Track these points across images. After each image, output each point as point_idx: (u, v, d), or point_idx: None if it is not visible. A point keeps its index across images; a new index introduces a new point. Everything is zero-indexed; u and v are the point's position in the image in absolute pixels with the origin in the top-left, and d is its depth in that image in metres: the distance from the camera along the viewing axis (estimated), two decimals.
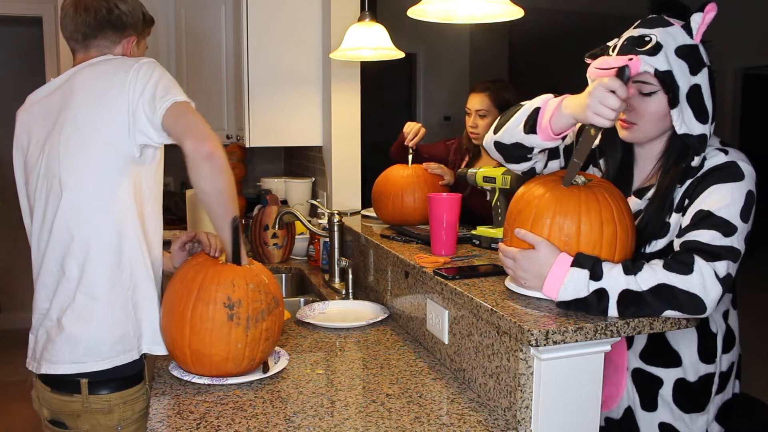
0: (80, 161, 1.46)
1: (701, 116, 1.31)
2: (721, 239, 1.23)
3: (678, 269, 1.20)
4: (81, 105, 1.47)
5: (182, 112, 1.44)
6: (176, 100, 1.44)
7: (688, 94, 1.30)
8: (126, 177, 1.48)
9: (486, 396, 1.38)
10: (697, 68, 1.31)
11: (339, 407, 1.36)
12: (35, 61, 4.66)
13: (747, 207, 1.27)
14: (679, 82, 1.30)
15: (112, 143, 1.46)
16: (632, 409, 1.44)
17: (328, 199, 2.91)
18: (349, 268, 2.20)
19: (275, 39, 2.84)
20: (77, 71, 1.54)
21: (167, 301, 1.48)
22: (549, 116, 1.37)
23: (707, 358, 1.38)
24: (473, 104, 2.51)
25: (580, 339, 1.18)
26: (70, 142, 1.46)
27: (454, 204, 1.72)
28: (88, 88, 1.49)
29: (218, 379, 1.46)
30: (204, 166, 1.40)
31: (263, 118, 2.87)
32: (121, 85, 1.45)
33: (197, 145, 1.39)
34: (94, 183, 1.46)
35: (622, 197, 1.34)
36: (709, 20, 1.30)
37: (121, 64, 1.51)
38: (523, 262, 1.29)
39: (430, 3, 1.56)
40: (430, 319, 1.64)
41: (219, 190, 1.42)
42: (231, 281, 1.43)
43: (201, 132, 1.42)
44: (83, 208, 1.46)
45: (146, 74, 1.47)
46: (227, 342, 1.42)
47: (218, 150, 1.41)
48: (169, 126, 1.44)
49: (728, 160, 1.31)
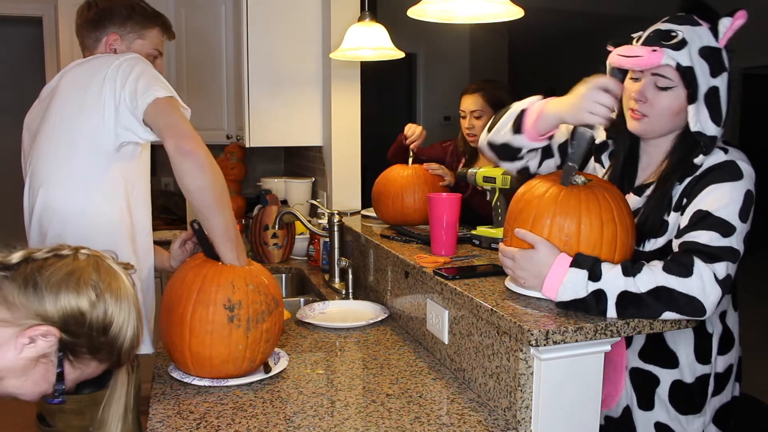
0: (57, 159, 1.46)
1: (716, 118, 1.31)
2: (719, 240, 1.22)
3: (677, 271, 1.20)
4: (62, 103, 1.48)
5: (163, 110, 1.43)
6: (157, 96, 1.43)
7: (707, 95, 1.31)
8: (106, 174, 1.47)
9: (486, 396, 1.38)
10: (717, 71, 1.31)
11: (339, 407, 1.36)
12: (35, 61, 4.66)
13: (746, 207, 1.26)
14: (699, 80, 1.30)
15: (90, 140, 1.46)
16: (630, 408, 1.44)
17: (328, 199, 2.91)
18: (349, 268, 2.20)
19: (275, 39, 2.83)
20: (66, 71, 1.55)
21: (165, 303, 1.47)
22: (534, 118, 1.40)
23: (703, 358, 1.38)
24: (467, 106, 2.50)
25: (580, 339, 1.18)
26: (50, 141, 1.47)
27: (454, 204, 1.72)
28: (69, 86, 1.50)
29: (219, 380, 1.45)
30: (185, 164, 1.39)
31: (263, 118, 2.87)
32: (101, 82, 1.45)
33: (177, 143, 1.39)
34: (70, 181, 1.46)
35: (622, 197, 1.34)
36: (737, 26, 1.30)
37: (103, 61, 1.50)
38: (522, 261, 1.29)
39: (430, 3, 1.56)
40: (430, 319, 1.64)
41: (201, 188, 1.41)
42: (231, 282, 1.42)
43: (181, 130, 1.41)
44: (57, 207, 1.46)
45: (126, 69, 1.46)
46: (228, 344, 1.41)
47: (199, 148, 1.40)
48: (150, 123, 1.44)
49: (727, 159, 1.31)
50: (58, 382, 1.05)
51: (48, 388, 1.06)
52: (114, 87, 1.44)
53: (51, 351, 1.03)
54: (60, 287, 1.03)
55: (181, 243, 1.64)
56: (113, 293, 1.07)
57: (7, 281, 1.02)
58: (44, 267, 1.05)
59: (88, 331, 1.05)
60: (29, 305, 1.02)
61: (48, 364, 1.04)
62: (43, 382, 1.05)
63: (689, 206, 1.30)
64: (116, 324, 1.07)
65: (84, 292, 1.04)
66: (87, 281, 1.05)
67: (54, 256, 1.07)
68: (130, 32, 1.64)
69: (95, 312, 1.05)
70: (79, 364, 1.07)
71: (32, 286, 1.02)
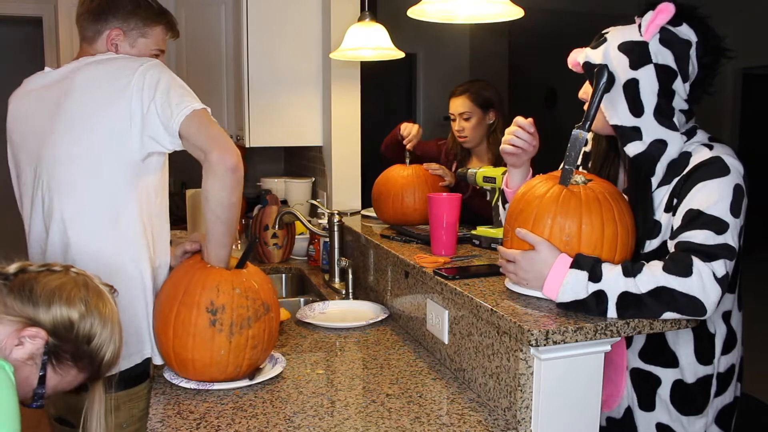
0: (76, 165, 1.42)
1: (635, 109, 1.32)
2: (714, 238, 1.22)
3: (677, 271, 1.20)
4: (80, 105, 1.43)
5: (204, 122, 1.43)
6: (194, 108, 1.42)
7: (624, 86, 1.32)
8: (128, 184, 1.44)
9: (486, 396, 1.38)
10: (638, 64, 1.31)
11: (339, 407, 1.36)
12: (35, 61, 4.66)
13: (736, 202, 1.25)
14: (616, 74, 1.32)
15: (110, 148, 1.42)
16: (631, 408, 1.44)
17: (328, 199, 2.91)
18: (349, 268, 2.20)
19: (275, 39, 2.83)
20: (79, 68, 1.49)
21: (157, 302, 1.47)
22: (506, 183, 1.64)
23: (704, 359, 1.37)
24: (455, 108, 2.48)
25: (580, 339, 1.18)
26: (64, 144, 1.43)
27: (454, 204, 1.72)
28: (88, 88, 1.44)
29: (204, 384, 1.43)
30: (228, 177, 1.39)
31: (263, 118, 2.87)
32: (124, 89, 1.41)
33: (223, 157, 1.39)
34: (90, 189, 1.43)
35: (622, 196, 1.34)
36: (661, 21, 1.30)
37: (126, 65, 1.46)
38: (524, 263, 1.29)
39: (430, 3, 1.56)
40: (430, 319, 1.64)
41: (234, 204, 1.42)
42: (216, 286, 1.40)
43: (226, 144, 1.41)
44: (79, 216, 1.43)
45: (154, 77, 1.42)
46: (210, 348, 1.39)
47: (241, 164, 1.41)
48: (190, 134, 1.41)
49: (713, 155, 1.29)
50: (39, 385, 1.10)
51: (28, 391, 1.10)
52: (141, 96, 1.41)
53: (37, 354, 1.08)
54: (53, 297, 1.10)
55: (182, 252, 1.60)
56: (99, 311, 1.14)
57: (5, 288, 1.09)
58: (38, 278, 1.12)
59: (74, 338, 1.11)
60: (23, 310, 1.07)
61: (33, 366, 1.09)
62: (25, 385, 1.09)
63: (680, 206, 1.29)
64: (99, 338, 1.14)
65: (75, 304, 1.11)
66: (77, 295, 1.12)
67: (47, 270, 1.15)
68: (133, 29, 1.57)
69: (83, 323, 1.12)
70: (60, 369, 1.12)
71: (28, 293, 1.09)
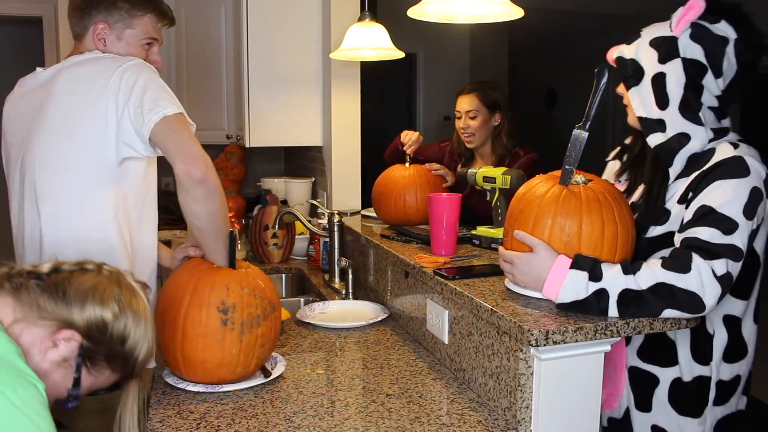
0: (57, 171, 1.40)
1: (660, 102, 1.34)
2: (720, 237, 1.22)
3: (676, 268, 1.20)
4: (59, 110, 1.41)
5: (172, 129, 1.38)
6: (165, 114, 1.37)
7: (653, 79, 1.34)
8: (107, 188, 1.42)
9: (486, 396, 1.38)
10: (666, 58, 1.33)
11: (339, 407, 1.36)
12: (35, 61, 4.66)
13: (751, 204, 1.25)
14: (645, 67, 1.35)
15: (89, 152, 1.40)
16: (629, 409, 1.44)
17: (328, 199, 2.91)
18: (349, 268, 2.20)
19: (275, 39, 2.83)
20: (62, 69, 1.47)
21: (159, 306, 1.45)
22: None
23: (701, 359, 1.37)
24: (462, 106, 2.52)
25: (580, 339, 1.18)
26: (45, 150, 1.41)
27: (454, 204, 1.72)
28: (66, 91, 1.42)
29: (213, 386, 1.42)
30: (196, 190, 1.36)
31: (263, 118, 2.87)
32: (101, 92, 1.38)
33: (188, 168, 1.34)
34: (71, 194, 1.41)
35: (622, 196, 1.34)
36: (691, 17, 1.32)
37: (105, 67, 1.42)
38: (521, 265, 1.29)
39: (430, 3, 1.56)
40: (430, 319, 1.64)
41: (211, 213, 1.39)
42: (225, 285, 1.39)
43: (192, 154, 1.36)
44: (59, 221, 1.42)
45: (131, 80, 1.38)
46: (221, 348, 1.38)
47: (209, 172, 1.36)
48: (159, 142, 1.38)
49: (735, 154, 1.30)
50: (73, 387, 1.10)
51: (63, 392, 1.10)
52: (117, 100, 1.37)
53: (72, 356, 1.08)
54: (87, 297, 1.09)
55: (183, 256, 1.60)
56: (133, 309, 1.13)
57: (38, 289, 1.08)
58: (71, 278, 1.11)
59: (108, 340, 1.10)
60: (57, 312, 1.07)
61: (67, 368, 1.08)
62: (60, 386, 1.09)
63: (694, 200, 1.29)
64: (133, 337, 1.13)
65: (108, 304, 1.10)
66: (111, 295, 1.11)
67: (80, 269, 1.14)
68: (118, 21, 1.53)
69: (117, 324, 1.11)
70: (94, 371, 1.12)
71: (62, 294, 1.08)
